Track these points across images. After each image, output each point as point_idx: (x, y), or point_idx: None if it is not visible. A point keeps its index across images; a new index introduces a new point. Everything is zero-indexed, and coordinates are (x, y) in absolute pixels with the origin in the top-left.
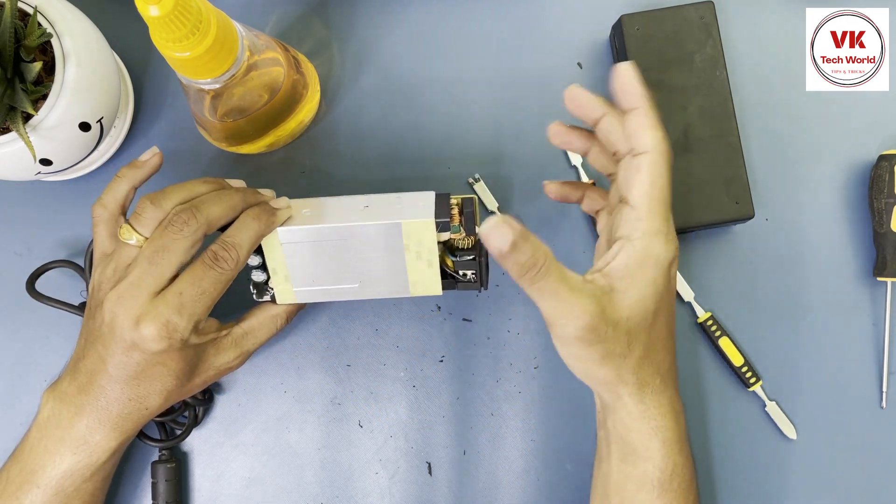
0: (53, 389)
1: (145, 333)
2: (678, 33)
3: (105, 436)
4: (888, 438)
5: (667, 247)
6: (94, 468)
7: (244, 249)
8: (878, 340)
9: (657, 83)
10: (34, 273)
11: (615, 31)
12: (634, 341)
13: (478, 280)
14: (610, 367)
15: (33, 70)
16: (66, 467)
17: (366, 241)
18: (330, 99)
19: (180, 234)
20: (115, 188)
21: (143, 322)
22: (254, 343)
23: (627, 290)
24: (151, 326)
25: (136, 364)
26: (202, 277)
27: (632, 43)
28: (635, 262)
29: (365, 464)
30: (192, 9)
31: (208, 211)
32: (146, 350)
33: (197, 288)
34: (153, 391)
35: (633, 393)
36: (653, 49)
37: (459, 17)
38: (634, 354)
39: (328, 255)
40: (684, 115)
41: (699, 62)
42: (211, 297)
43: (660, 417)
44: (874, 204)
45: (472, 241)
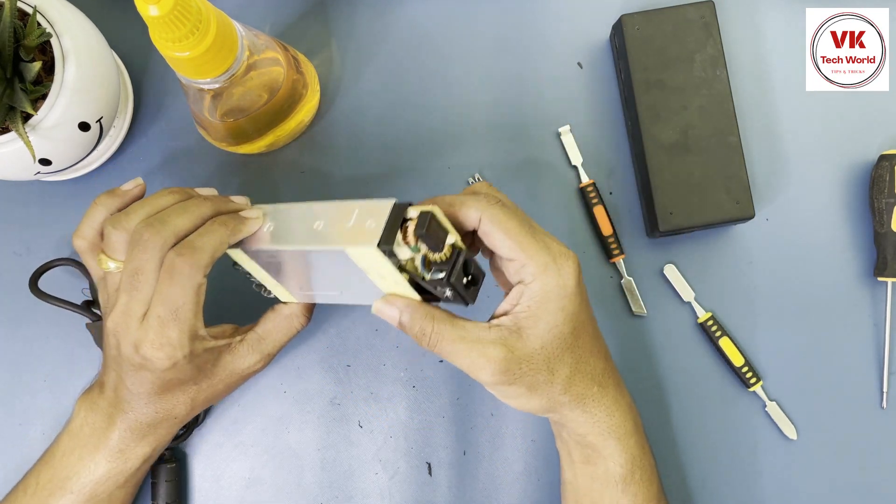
0: (85, 399)
1: (148, 356)
2: (678, 33)
3: (138, 444)
4: (888, 438)
5: (561, 273)
6: (127, 475)
7: (205, 254)
8: (878, 340)
9: (657, 83)
10: (37, 271)
11: (615, 31)
12: (557, 365)
13: (460, 297)
14: (540, 396)
15: (33, 70)
16: (101, 474)
17: (324, 262)
18: (330, 99)
19: (147, 253)
20: (91, 216)
21: (142, 348)
22: (273, 345)
23: (536, 325)
24: (150, 350)
25: (151, 382)
26: (168, 293)
27: (632, 43)
28: (537, 303)
29: (365, 464)
30: (192, 9)
31: (174, 223)
32: (155, 370)
33: (169, 306)
34: (177, 402)
35: (574, 407)
36: (653, 49)
37: (459, 17)
38: (561, 376)
39: (300, 269)
40: (685, 114)
41: (699, 62)
42: (188, 306)
43: (607, 418)
44: (874, 204)
45: (445, 255)
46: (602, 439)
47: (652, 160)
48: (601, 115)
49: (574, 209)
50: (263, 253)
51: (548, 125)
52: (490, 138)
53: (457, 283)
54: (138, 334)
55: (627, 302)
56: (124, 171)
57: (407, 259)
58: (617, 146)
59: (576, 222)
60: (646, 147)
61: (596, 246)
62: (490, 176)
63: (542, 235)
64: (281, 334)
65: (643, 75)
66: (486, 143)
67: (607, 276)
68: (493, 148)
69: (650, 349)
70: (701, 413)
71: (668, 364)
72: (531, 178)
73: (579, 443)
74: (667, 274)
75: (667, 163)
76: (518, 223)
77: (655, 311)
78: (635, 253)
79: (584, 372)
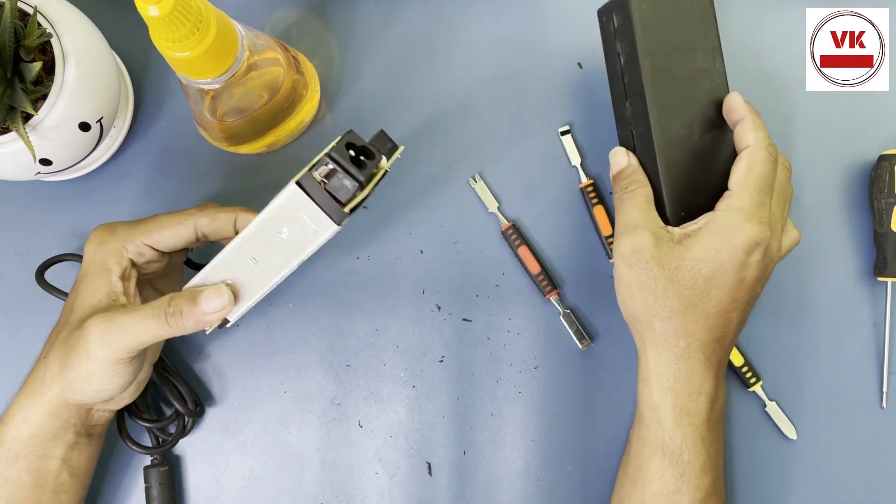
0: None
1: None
2: (682, 20)
3: (51, 371)
4: (888, 438)
5: (745, 224)
6: (47, 433)
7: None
8: (878, 340)
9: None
10: (45, 263)
11: (616, 8)
12: (672, 291)
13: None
14: (640, 300)
15: (33, 70)
16: (18, 418)
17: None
18: (330, 99)
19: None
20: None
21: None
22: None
23: (690, 247)
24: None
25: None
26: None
27: (641, 23)
28: (707, 229)
29: (365, 464)
30: (192, 9)
31: None
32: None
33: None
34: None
35: (656, 342)
36: (661, 33)
37: (459, 17)
38: (668, 304)
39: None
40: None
41: (701, 52)
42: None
43: (673, 381)
44: (874, 204)
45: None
46: (658, 399)
47: (663, 154)
48: (601, 116)
49: (574, 209)
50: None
51: (548, 125)
52: (490, 138)
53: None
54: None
55: None
56: (124, 171)
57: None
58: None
59: (576, 222)
60: (655, 140)
61: (596, 246)
62: (490, 176)
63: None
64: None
65: (652, 61)
66: (486, 143)
67: (607, 275)
68: (493, 148)
69: None
70: None
71: None
72: (531, 178)
73: (640, 395)
74: None
75: (675, 161)
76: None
77: None
78: None
79: (687, 324)
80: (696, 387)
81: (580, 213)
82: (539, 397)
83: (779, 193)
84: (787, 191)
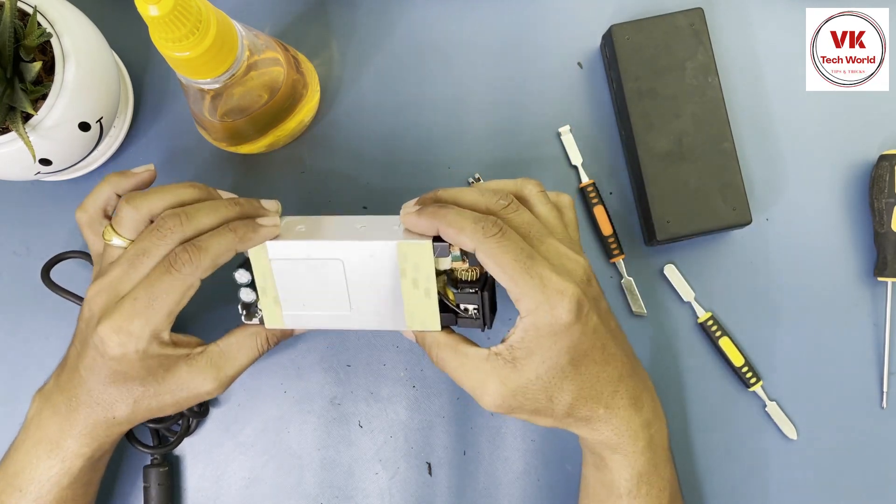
0: (41, 389)
1: (103, 336)
2: (669, 41)
3: (76, 440)
4: (888, 438)
5: (553, 311)
6: (71, 476)
7: (208, 255)
8: (878, 340)
9: (650, 92)
10: (50, 261)
11: (605, 41)
12: (557, 393)
13: (480, 317)
14: (545, 418)
15: (33, 70)
16: (41, 471)
17: (360, 262)
18: (330, 99)
19: (163, 241)
20: (97, 192)
21: (103, 324)
22: (233, 367)
23: (530, 358)
24: (107, 331)
25: (100, 366)
26: (156, 281)
27: (623, 53)
28: (531, 337)
29: (365, 464)
30: (192, 9)
31: (199, 221)
32: (104, 354)
33: (149, 295)
34: (119, 398)
35: (582, 426)
36: (644, 58)
37: (459, 17)
38: (562, 403)
39: (319, 276)
40: (678, 122)
41: (691, 69)
42: (166, 303)
43: (615, 437)
44: (874, 204)
45: (476, 273)
46: (609, 453)
47: (647, 169)
48: (601, 116)
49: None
50: (295, 248)
51: (548, 125)
52: (490, 138)
53: (484, 297)
54: (107, 310)
55: (627, 302)
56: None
57: (447, 269)
58: (617, 147)
59: None
60: (640, 156)
61: (596, 246)
62: (490, 176)
63: (542, 268)
64: (243, 354)
65: (635, 85)
66: (486, 143)
67: (607, 276)
68: (493, 148)
69: (650, 349)
70: (701, 413)
71: (668, 364)
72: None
73: (591, 450)
74: (667, 274)
75: (662, 172)
76: (512, 257)
77: (655, 311)
78: (635, 253)
79: (588, 397)
80: (637, 426)
81: (580, 213)
82: None
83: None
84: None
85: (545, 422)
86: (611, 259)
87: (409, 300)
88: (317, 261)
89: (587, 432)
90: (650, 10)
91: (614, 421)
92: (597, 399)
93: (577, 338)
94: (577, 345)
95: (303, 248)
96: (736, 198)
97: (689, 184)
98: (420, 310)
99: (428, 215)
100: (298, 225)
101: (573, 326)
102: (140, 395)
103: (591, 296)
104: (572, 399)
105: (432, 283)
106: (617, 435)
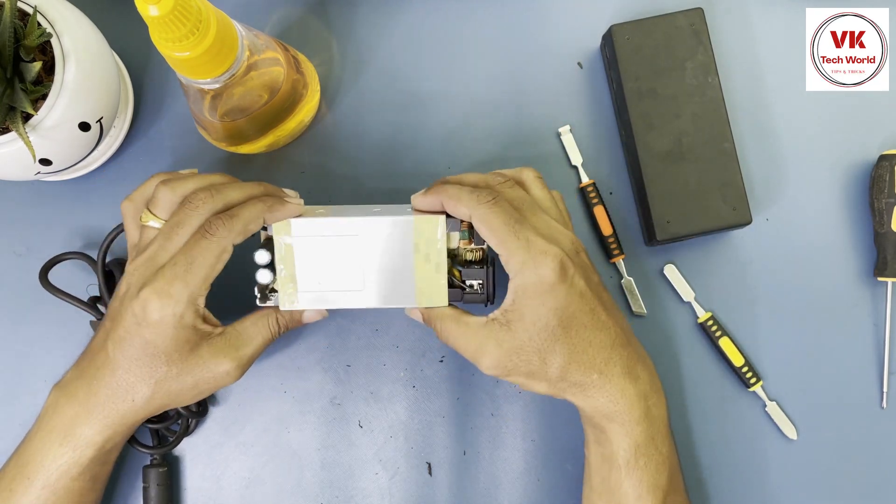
0: (58, 384)
1: (144, 298)
2: (669, 41)
3: (90, 427)
4: (888, 438)
5: (538, 270)
6: (80, 466)
7: (240, 221)
8: (878, 340)
9: (649, 92)
10: (48, 262)
11: (606, 42)
12: (549, 355)
13: (484, 292)
14: (539, 381)
15: (33, 70)
16: (51, 460)
17: (377, 238)
18: (330, 99)
19: (196, 211)
20: (146, 187)
21: (145, 289)
22: (250, 347)
23: (522, 319)
24: (149, 292)
25: (133, 336)
26: (193, 246)
27: (622, 53)
28: (519, 297)
29: (365, 464)
30: (192, 9)
31: (228, 194)
32: (143, 320)
33: (188, 259)
34: (141, 377)
35: (577, 393)
36: (644, 58)
37: (459, 17)
38: (555, 365)
39: (337, 253)
40: (678, 122)
41: (691, 69)
42: (202, 267)
43: (610, 404)
44: (874, 204)
45: (480, 254)
46: (607, 422)
47: (647, 169)
48: (601, 116)
49: (574, 209)
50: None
51: (548, 125)
52: (490, 138)
53: (490, 273)
54: (148, 278)
55: (627, 302)
56: (125, 171)
57: (454, 247)
58: (617, 147)
59: (576, 222)
60: (640, 157)
61: (596, 246)
62: None
63: (529, 232)
64: (258, 334)
65: (635, 85)
66: (486, 143)
67: (607, 276)
68: (493, 148)
69: (650, 349)
70: (701, 413)
71: (668, 364)
72: None
73: (589, 423)
74: (667, 274)
75: (661, 172)
76: (503, 221)
77: (655, 311)
78: (635, 253)
79: (581, 361)
80: (632, 395)
81: (580, 213)
82: (539, 397)
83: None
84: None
85: (540, 387)
86: (611, 259)
87: (420, 275)
88: (336, 237)
89: (582, 399)
90: (650, 10)
91: (608, 387)
92: (590, 364)
93: (562, 298)
94: (564, 307)
95: (325, 225)
96: (736, 198)
97: (689, 184)
98: (429, 285)
99: (433, 192)
100: (319, 209)
101: (558, 287)
102: (163, 375)
103: (579, 264)
104: (564, 361)
105: (443, 257)
106: (612, 402)
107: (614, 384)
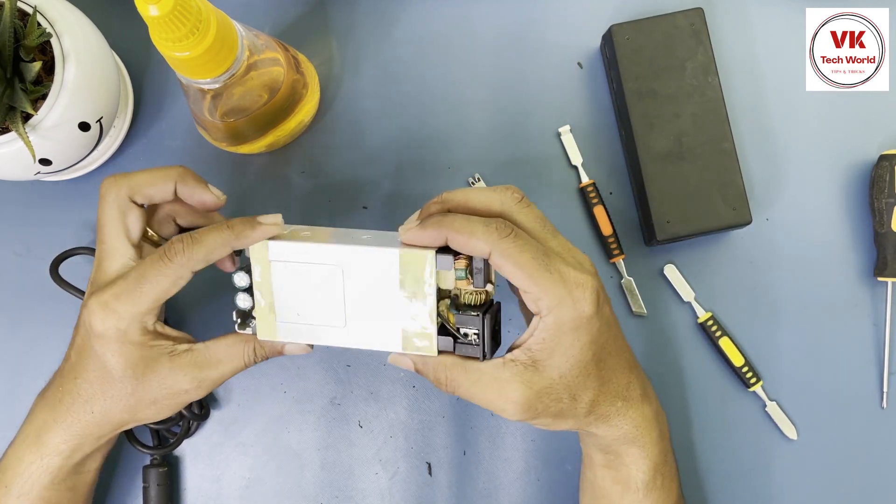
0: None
1: (90, 308)
2: (668, 41)
3: (57, 435)
4: (888, 438)
5: (576, 305)
6: (50, 475)
7: (202, 249)
8: (878, 340)
9: (649, 92)
10: (59, 256)
11: (605, 41)
12: (580, 391)
13: (480, 343)
14: (566, 420)
15: (33, 70)
16: (24, 467)
17: (359, 271)
18: (330, 99)
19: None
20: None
21: (91, 299)
22: (216, 371)
23: (552, 357)
24: (95, 302)
25: (86, 346)
26: (149, 267)
27: (622, 53)
28: (552, 335)
29: (365, 464)
30: (192, 9)
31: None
32: (89, 330)
33: (139, 275)
34: (99, 389)
35: (600, 424)
36: (644, 58)
37: (459, 17)
38: (585, 401)
39: (317, 283)
40: (677, 122)
41: (690, 69)
42: (154, 289)
43: (633, 429)
44: (874, 204)
45: (481, 299)
46: (626, 447)
47: (647, 169)
48: (601, 115)
49: (574, 209)
50: (295, 250)
51: (548, 125)
52: (490, 138)
53: (487, 324)
54: (99, 287)
55: (627, 302)
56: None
57: (450, 289)
58: (617, 147)
59: (576, 222)
60: (640, 157)
61: (596, 246)
62: (490, 176)
63: (559, 263)
64: (229, 360)
65: (635, 85)
66: (486, 143)
67: (607, 276)
68: (493, 147)
69: (650, 349)
70: (701, 413)
71: (668, 364)
72: (531, 178)
73: (602, 448)
74: (667, 274)
75: (661, 172)
76: (531, 257)
77: (655, 311)
78: (635, 253)
79: (608, 392)
80: (650, 416)
81: (580, 212)
82: None
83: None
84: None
85: (566, 424)
86: (611, 259)
87: (406, 315)
88: (316, 265)
89: (605, 429)
90: (650, 10)
91: (631, 413)
92: (615, 393)
93: (596, 330)
94: (597, 338)
95: (304, 251)
96: (736, 198)
97: (688, 184)
98: (416, 330)
99: (433, 224)
100: (304, 231)
101: (593, 319)
102: (117, 390)
103: (602, 286)
104: (594, 396)
105: (432, 299)
106: (635, 427)
107: (636, 408)
